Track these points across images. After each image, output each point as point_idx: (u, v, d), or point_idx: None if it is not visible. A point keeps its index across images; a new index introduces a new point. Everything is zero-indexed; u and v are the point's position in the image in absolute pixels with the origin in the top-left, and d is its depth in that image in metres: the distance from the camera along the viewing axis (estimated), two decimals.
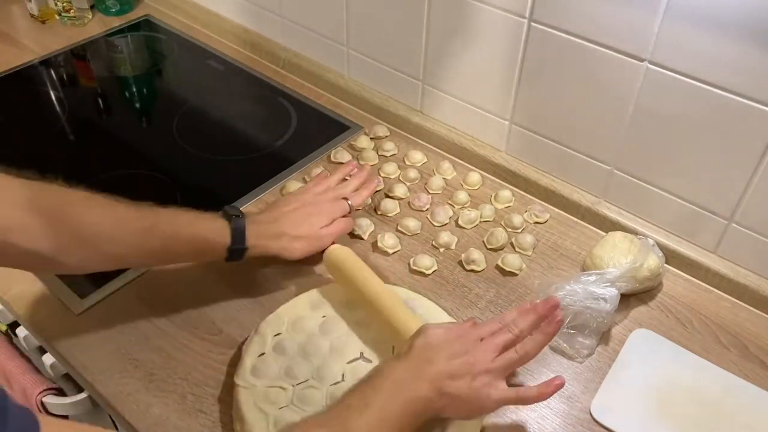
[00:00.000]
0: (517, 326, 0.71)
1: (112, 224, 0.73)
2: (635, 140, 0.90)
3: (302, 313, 0.81)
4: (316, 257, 0.88)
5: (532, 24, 0.90)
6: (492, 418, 0.75)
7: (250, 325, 0.82)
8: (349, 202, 0.92)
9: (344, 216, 0.91)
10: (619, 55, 0.84)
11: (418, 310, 0.82)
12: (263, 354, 0.77)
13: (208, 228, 0.80)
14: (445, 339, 0.69)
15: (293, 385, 0.74)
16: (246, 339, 0.80)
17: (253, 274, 0.90)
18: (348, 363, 0.76)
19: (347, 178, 0.97)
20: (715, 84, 0.79)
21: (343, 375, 0.75)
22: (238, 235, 0.81)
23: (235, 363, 0.78)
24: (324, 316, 0.81)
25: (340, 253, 0.85)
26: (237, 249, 0.81)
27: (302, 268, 0.90)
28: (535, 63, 0.94)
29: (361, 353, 0.77)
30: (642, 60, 0.83)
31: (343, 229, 0.90)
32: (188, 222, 0.79)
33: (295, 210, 0.88)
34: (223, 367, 0.79)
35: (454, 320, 0.83)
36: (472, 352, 0.68)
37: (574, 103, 0.93)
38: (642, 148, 0.90)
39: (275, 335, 0.79)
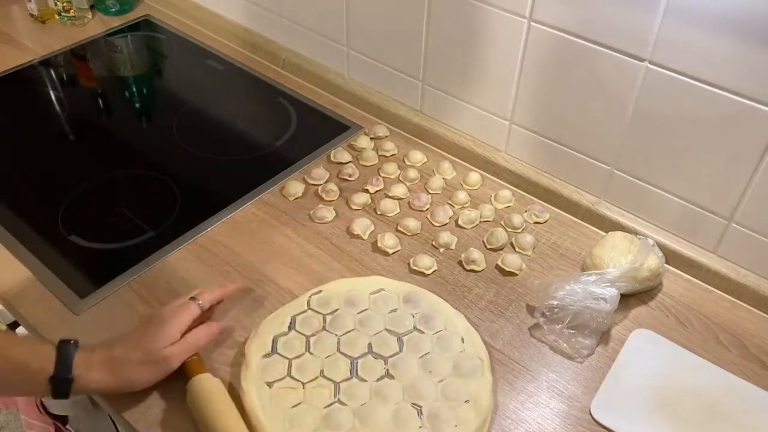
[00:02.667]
0: None
1: None
2: (635, 140, 0.90)
3: (307, 312, 0.82)
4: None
5: (532, 24, 0.90)
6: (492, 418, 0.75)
7: (250, 325, 0.82)
8: (199, 301, 0.76)
9: (199, 323, 0.75)
10: (619, 55, 0.84)
11: (422, 304, 0.83)
12: (270, 354, 0.77)
13: (29, 351, 0.67)
14: None
15: (303, 384, 0.74)
16: (247, 339, 0.80)
17: (253, 274, 0.90)
18: (356, 358, 0.77)
19: None
20: (715, 84, 0.79)
21: (350, 371, 0.75)
22: (63, 363, 0.66)
23: (235, 363, 0.78)
24: (329, 314, 0.81)
25: (201, 386, 0.72)
26: (61, 379, 0.66)
27: (303, 269, 0.91)
28: (535, 63, 0.94)
29: (370, 347, 0.78)
30: (642, 60, 0.83)
31: (196, 342, 0.73)
32: (5, 343, 0.67)
33: (135, 332, 0.72)
34: (223, 367, 0.79)
35: (460, 312, 0.84)
36: None
37: (574, 103, 0.93)
38: (642, 148, 0.90)
39: (280, 334, 0.79)
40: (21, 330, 0.92)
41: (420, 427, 0.71)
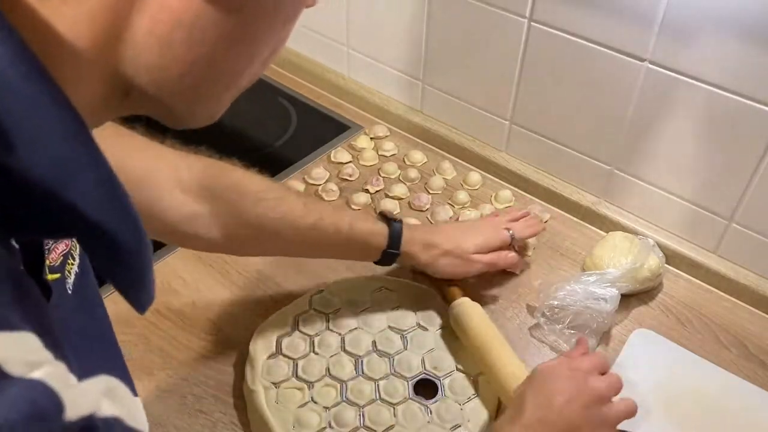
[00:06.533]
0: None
1: (278, 219, 0.74)
2: (635, 140, 0.90)
3: (309, 312, 0.82)
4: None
5: (532, 24, 0.90)
6: None
7: (250, 325, 0.82)
8: (511, 232, 0.86)
9: (504, 248, 0.86)
10: (619, 55, 0.84)
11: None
12: (275, 354, 0.77)
13: (369, 229, 0.79)
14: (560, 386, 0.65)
15: (308, 384, 0.74)
16: (250, 340, 0.80)
17: (253, 274, 0.90)
18: (361, 357, 0.77)
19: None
20: (716, 84, 0.79)
21: (356, 369, 0.76)
22: (395, 240, 0.80)
23: (236, 363, 0.78)
24: (331, 313, 0.82)
25: (467, 310, 0.80)
26: (390, 253, 0.80)
27: (304, 269, 0.90)
28: (535, 63, 0.94)
29: (374, 345, 0.78)
30: (642, 60, 0.83)
31: (495, 262, 0.85)
32: (350, 221, 0.78)
33: (454, 227, 0.89)
34: (223, 367, 0.79)
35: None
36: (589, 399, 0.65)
37: (575, 103, 0.93)
38: (642, 148, 0.90)
39: (283, 335, 0.79)
40: None
41: (428, 422, 0.71)
